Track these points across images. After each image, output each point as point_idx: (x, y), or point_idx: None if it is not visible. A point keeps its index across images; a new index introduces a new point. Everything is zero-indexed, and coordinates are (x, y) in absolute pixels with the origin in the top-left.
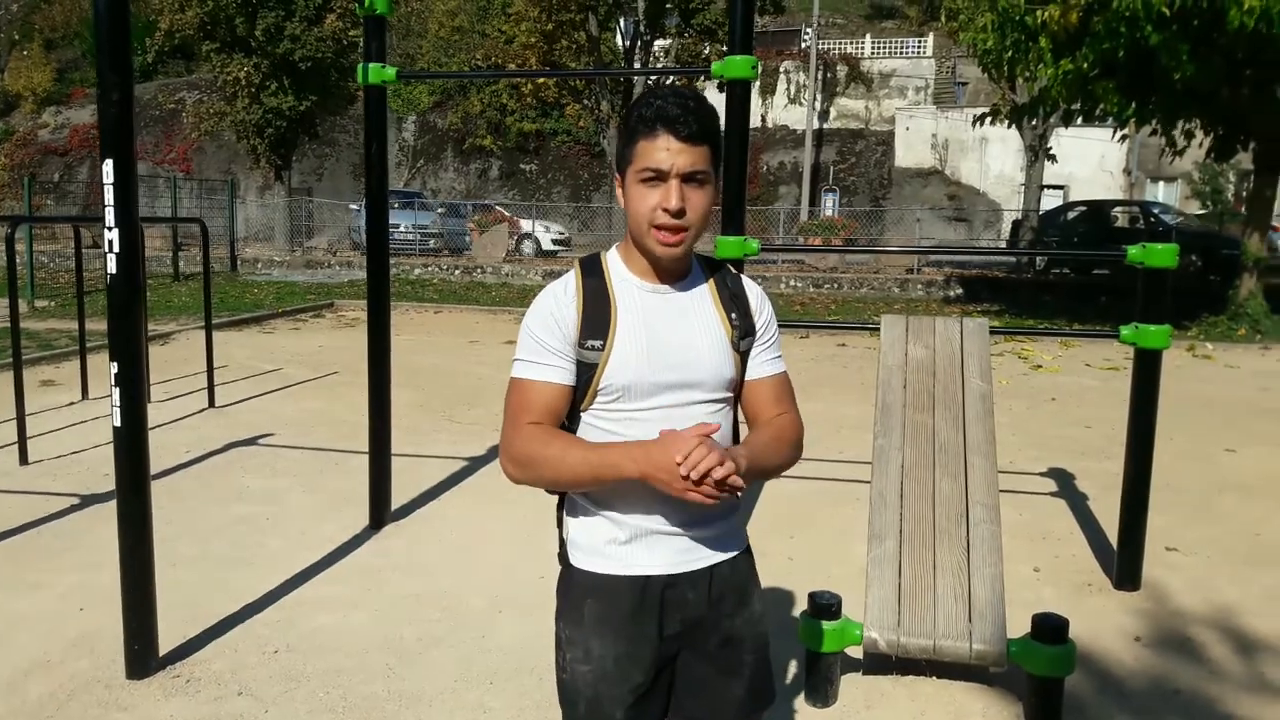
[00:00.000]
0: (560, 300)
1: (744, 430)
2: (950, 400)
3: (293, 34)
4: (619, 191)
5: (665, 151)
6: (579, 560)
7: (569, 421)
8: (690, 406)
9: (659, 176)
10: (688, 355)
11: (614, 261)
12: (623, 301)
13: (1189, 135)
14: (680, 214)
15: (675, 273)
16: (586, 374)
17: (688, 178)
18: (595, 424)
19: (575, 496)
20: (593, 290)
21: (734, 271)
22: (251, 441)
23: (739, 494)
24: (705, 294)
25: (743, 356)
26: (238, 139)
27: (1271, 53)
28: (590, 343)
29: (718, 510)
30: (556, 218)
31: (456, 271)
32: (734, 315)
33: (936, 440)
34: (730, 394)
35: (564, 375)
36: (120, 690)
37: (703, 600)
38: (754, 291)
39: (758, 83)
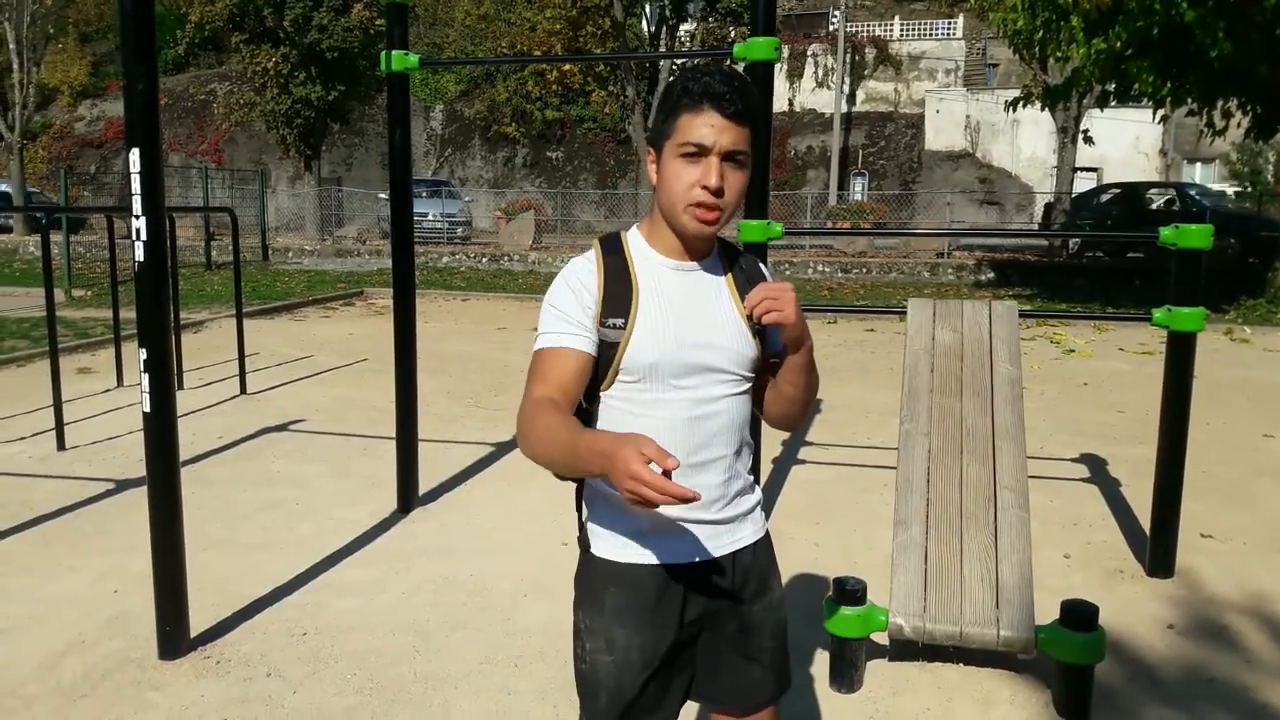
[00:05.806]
0: (581, 276)
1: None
2: (978, 385)
3: (320, 24)
4: (651, 166)
5: (709, 128)
6: (600, 549)
7: (588, 403)
8: (714, 387)
9: (700, 152)
10: (713, 333)
11: (635, 240)
12: (644, 280)
13: (1227, 115)
14: (719, 193)
15: (700, 251)
16: (608, 353)
17: (728, 156)
18: (617, 405)
19: (592, 482)
20: (614, 268)
21: (750, 256)
22: (282, 427)
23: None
24: (723, 274)
25: (760, 338)
26: (267, 129)
27: None
28: (611, 321)
29: (739, 493)
30: (584, 205)
31: (484, 260)
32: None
33: (964, 425)
34: (751, 377)
35: (583, 343)
36: (153, 670)
37: (724, 587)
38: (768, 274)
39: (785, 66)
